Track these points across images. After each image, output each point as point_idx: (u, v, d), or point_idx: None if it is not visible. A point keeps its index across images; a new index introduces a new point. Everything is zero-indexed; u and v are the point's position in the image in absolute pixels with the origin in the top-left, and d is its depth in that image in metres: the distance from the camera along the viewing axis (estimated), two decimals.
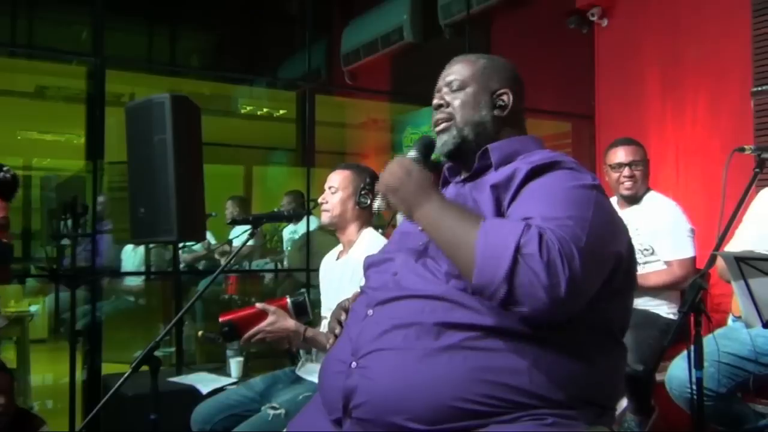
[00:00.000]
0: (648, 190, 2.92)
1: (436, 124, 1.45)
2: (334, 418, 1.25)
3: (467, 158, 1.42)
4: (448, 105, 1.43)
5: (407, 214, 1.26)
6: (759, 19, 3.62)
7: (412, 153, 1.39)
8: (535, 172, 1.26)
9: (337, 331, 1.43)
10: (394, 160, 1.32)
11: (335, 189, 2.32)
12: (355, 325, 1.30)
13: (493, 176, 1.32)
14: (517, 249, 1.07)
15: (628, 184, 2.84)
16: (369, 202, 2.31)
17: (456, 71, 1.46)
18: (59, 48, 5.18)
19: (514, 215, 1.20)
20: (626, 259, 1.27)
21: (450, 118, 1.42)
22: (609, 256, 1.20)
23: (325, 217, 2.35)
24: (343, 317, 1.44)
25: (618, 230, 1.26)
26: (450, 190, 1.46)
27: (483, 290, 1.11)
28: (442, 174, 1.52)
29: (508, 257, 1.07)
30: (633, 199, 2.89)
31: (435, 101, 1.46)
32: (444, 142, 1.43)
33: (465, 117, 1.41)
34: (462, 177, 1.45)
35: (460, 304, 1.18)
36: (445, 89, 1.45)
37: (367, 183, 2.31)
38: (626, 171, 2.85)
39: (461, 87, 1.43)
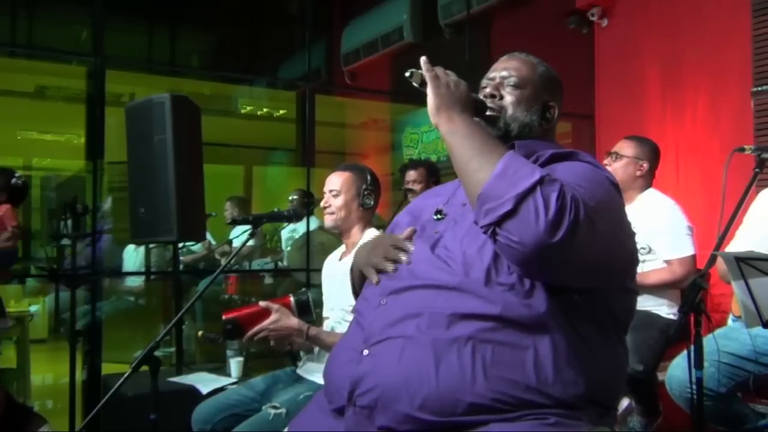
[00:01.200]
0: (646, 189, 2.92)
1: None
2: (335, 407, 1.25)
3: None
4: (501, 98, 1.42)
5: (435, 109, 1.26)
6: (759, 19, 3.63)
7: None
8: (555, 158, 1.28)
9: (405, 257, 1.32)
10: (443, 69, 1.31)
11: (337, 192, 2.30)
12: (368, 314, 1.29)
13: None
14: (540, 180, 1.09)
15: None
16: (372, 203, 2.31)
17: (515, 68, 1.45)
18: (59, 48, 5.18)
19: None
20: (632, 257, 1.30)
21: (500, 109, 1.41)
22: (607, 237, 1.20)
23: (329, 221, 2.32)
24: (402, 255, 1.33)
25: (625, 225, 1.29)
26: None
27: (486, 200, 1.12)
28: None
29: (529, 181, 1.09)
30: None
31: (488, 89, 1.43)
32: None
33: (515, 115, 1.41)
34: None
35: (474, 294, 1.18)
36: (499, 80, 1.44)
37: (369, 183, 2.31)
38: (606, 160, 2.92)
39: (519, 85, 1.42)
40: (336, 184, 2.32)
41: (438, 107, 1.25)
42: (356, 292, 1.47)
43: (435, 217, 1.38)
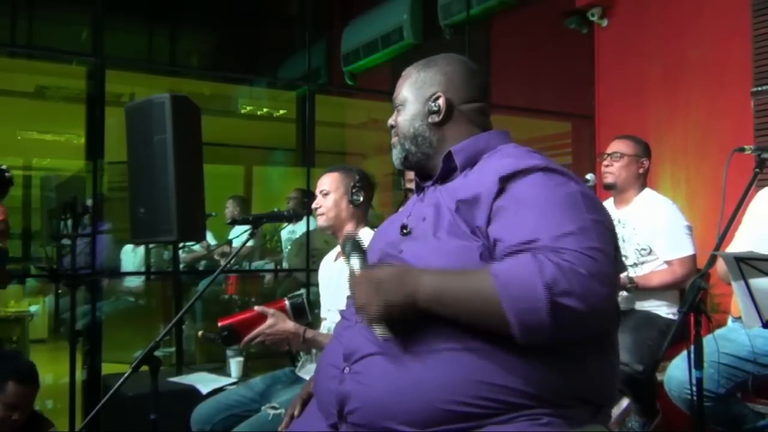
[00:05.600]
0: (643, 188, 2.91)
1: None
2: (330, 423, 1.26)
3: (426, 166, 1.44)
4: (396, 125, 1.48)
5: (412, 312, 1.16)
6: (759, 19, 3.63)
7: (356, 262, 1.26)
8: (506, 180, 1.21)
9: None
10: (356, 286, 1.21)
11: (326, 191, 2.32)
12: (346, 331, 1.30)
13: (460, 184, 1.32)
14: (549, 291, 1.05)
15: (604, 172, 2.90)
16: (362, 199, 2.31)
17: (398, 89, 1.48)
18: (59, 48, 5.18)
19: (506, 237, 1.16)
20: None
21: (396, 136, 1.47)
22: (612, 244, 1.20)
23: (321, 221, 2.34)
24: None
25: (607, 215, 1.26)
26: (425, 195, 1.42)
27: (533, 341, 1.10)
28: (414, 180, 1.52)
29: (545, 306, 1.05)
30: (617, 192, 2.92)
31: (388, 122, 1.50)
32: (394, 158, 1.49)
33: (404, 133, 1.45)
34: (431, 182, 1.43)
35: None
36: (395, 110, 1.49)
37: (356, 180, 2.31)
38: (606, 161, 2.91)
39: (401, 104, 1.46)
40: (325, 184, 2.34)
41: (411, 311, 1.16)
42: None
43: (402, 233, 1.36)
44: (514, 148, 1.36)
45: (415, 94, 1.44)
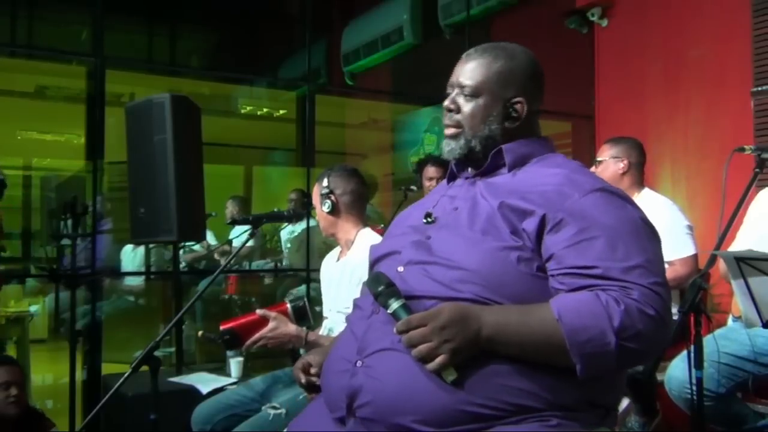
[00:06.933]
0: (641, 189, 2.91)
1: (446, 127, 1.39)
2: (337, 416, 1.25)
3: (475, 161, 1.38)
4: (458, 110, 1.36)
5: (475, 351, 1.15)
6: (759, 19, 3.63)
7: (395, 304, 1.19)
8: (566, 195, 1.21)
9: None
10: (410, 333, 1.14)
11: (315, 206, 2.35)
12: (361, 323, 1.29)
13: (507, 182, 1.31)
14: (617, 337, 1.09)
15: None
16: (330, 206, 2.28)
17: (470, 72, 1.36)
18: (59, 48, 5.18)
19: (567, 257, 1.17)
20: None
21: (459, 125, 1.36)
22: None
23: (324, 234, 2.41)
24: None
25: (660, 239, 1.29)
26: (461, 186, 1.41)
27: (593, 377, 1.14)
28: (450, 168, 1.46)
29: (614, 352, 1.09)
30: None
31: (446, 102, 1.38)
32: (451, 148, 1.38)
33: (474, 129, 1.35)
34: (471, 174, 1.40)
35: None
36: (457, 90, 1.37)
37: (323, 187, 2.30)
38: (592, 168, 2.91)
39: (474, 94, 1.35)
40: (313, 200, 2.38)
41: (475, 348, 1.15)
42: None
43: (424, 221, 1.35)
44: (563, 159, 1.37)
45: (495, 91, 1.35)
